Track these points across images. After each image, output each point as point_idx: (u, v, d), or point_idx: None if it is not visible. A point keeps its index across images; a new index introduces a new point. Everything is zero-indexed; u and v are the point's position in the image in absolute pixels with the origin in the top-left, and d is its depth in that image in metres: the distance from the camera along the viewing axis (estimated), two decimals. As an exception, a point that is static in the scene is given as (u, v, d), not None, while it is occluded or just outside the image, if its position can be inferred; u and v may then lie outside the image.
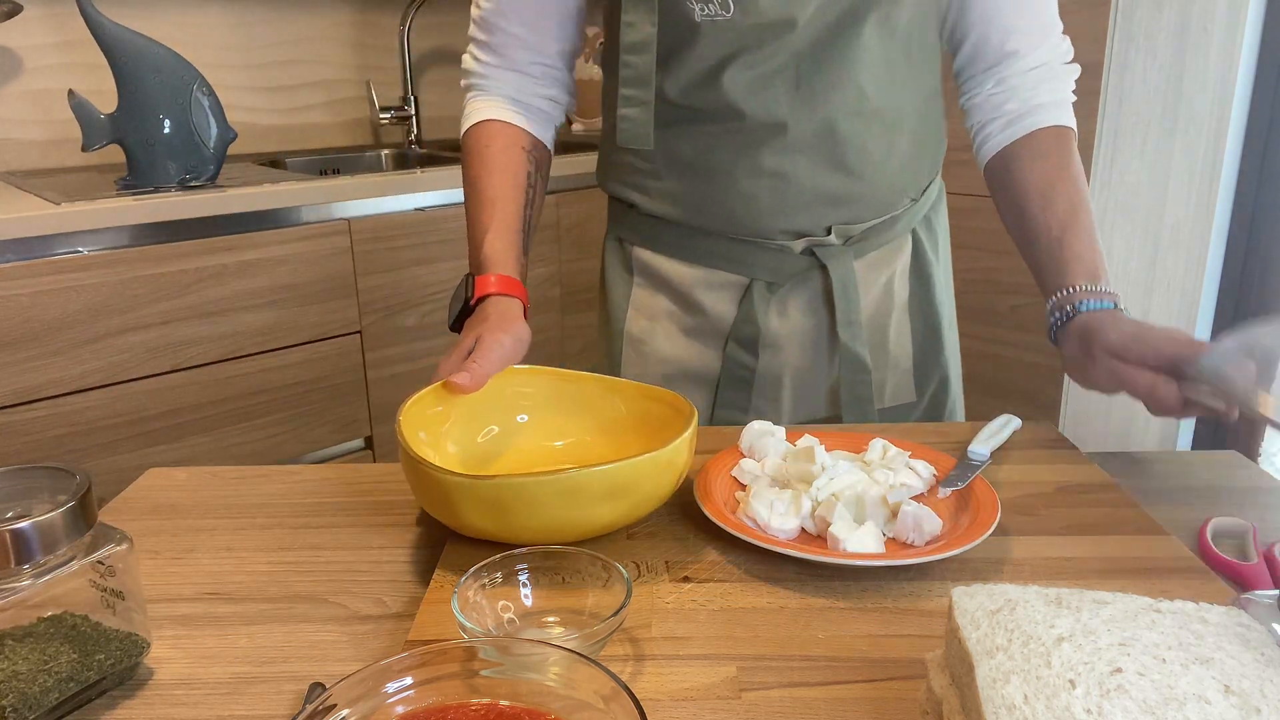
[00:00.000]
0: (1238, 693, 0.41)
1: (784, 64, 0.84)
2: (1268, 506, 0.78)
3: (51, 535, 0.50)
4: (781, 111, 0.86)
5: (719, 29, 0.84)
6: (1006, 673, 0.42)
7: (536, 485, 0.61)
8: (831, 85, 0.85)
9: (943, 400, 1.00)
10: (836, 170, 0.88)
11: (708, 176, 0.90)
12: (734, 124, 0.87)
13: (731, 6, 0.82)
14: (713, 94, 0.86)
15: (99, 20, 1.54)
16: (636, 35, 0.86)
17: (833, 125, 0.86)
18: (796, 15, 0.82)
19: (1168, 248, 1.94)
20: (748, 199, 0.89)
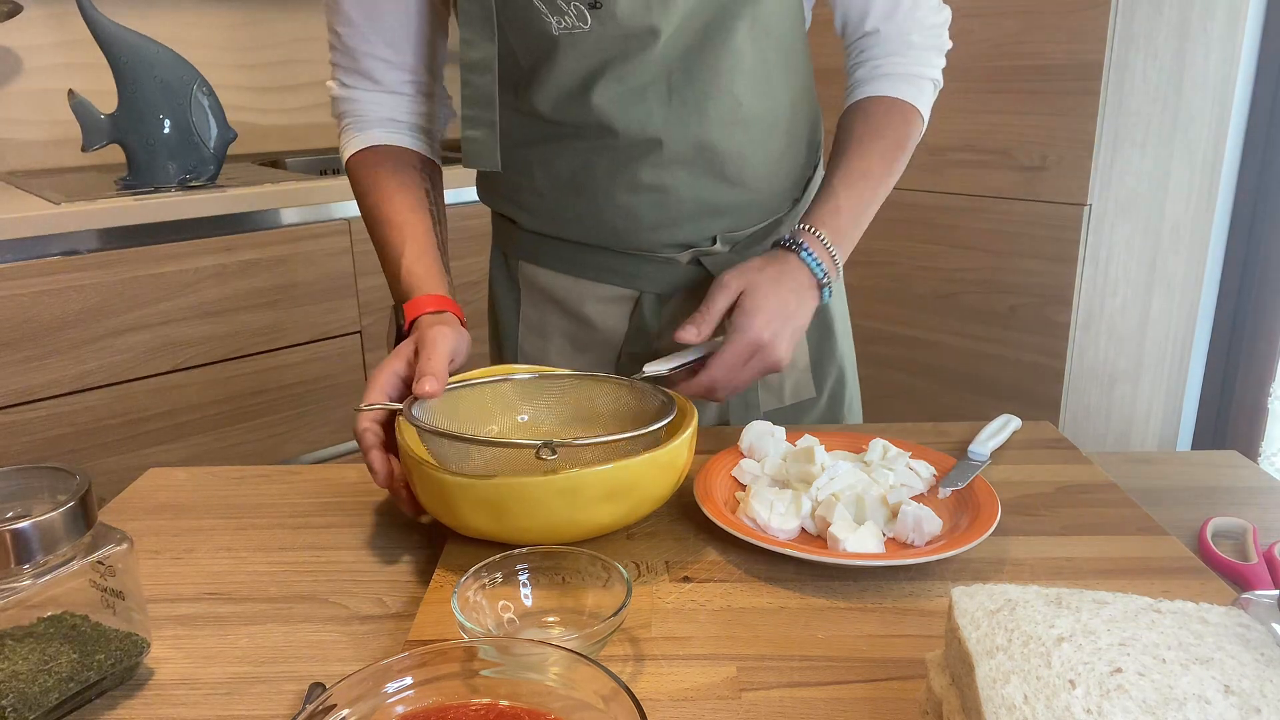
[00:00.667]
0: (1238, 693, 0.41)
1: (654, 76, 0.82)
2: (1268, 506, 0.78)
3: (51, 535, 0.50)
4: (655, 126, 0.83)
5: (578, 42, 0.80)
6: (1006, 673, 0.42)
7: (536, 485, 0.61)
8: (705, 95, 0.83)
9: (840, 394, 1.00)
10: (717, 180, 0.87)
11: (587, 193, 0.88)
12: (608, 140, 0.84)
13: (589, 19, 0.79)
14: (583, 109, 0.84)
15: (99, 20, 1.54)
16: (475, 54, 0.83)
17: (709, 136, 0.84)
18: (659, 24, 0.79)
19: (1168, 248, 1.94)
20: (628, 214, 0.88)
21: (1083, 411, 1.85)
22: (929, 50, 0.91)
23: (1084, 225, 1.71)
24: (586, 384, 0.78)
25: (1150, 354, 2.00)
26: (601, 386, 0.77)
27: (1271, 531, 0.74)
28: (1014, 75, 1.71)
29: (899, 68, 0.90)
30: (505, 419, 0.78)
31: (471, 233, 1.82)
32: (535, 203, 0.92)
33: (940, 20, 0.91)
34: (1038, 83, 1.69)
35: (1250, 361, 2.16)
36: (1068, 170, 1.69)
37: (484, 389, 0.76)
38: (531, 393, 0.77)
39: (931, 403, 1.94)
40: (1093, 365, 1.84)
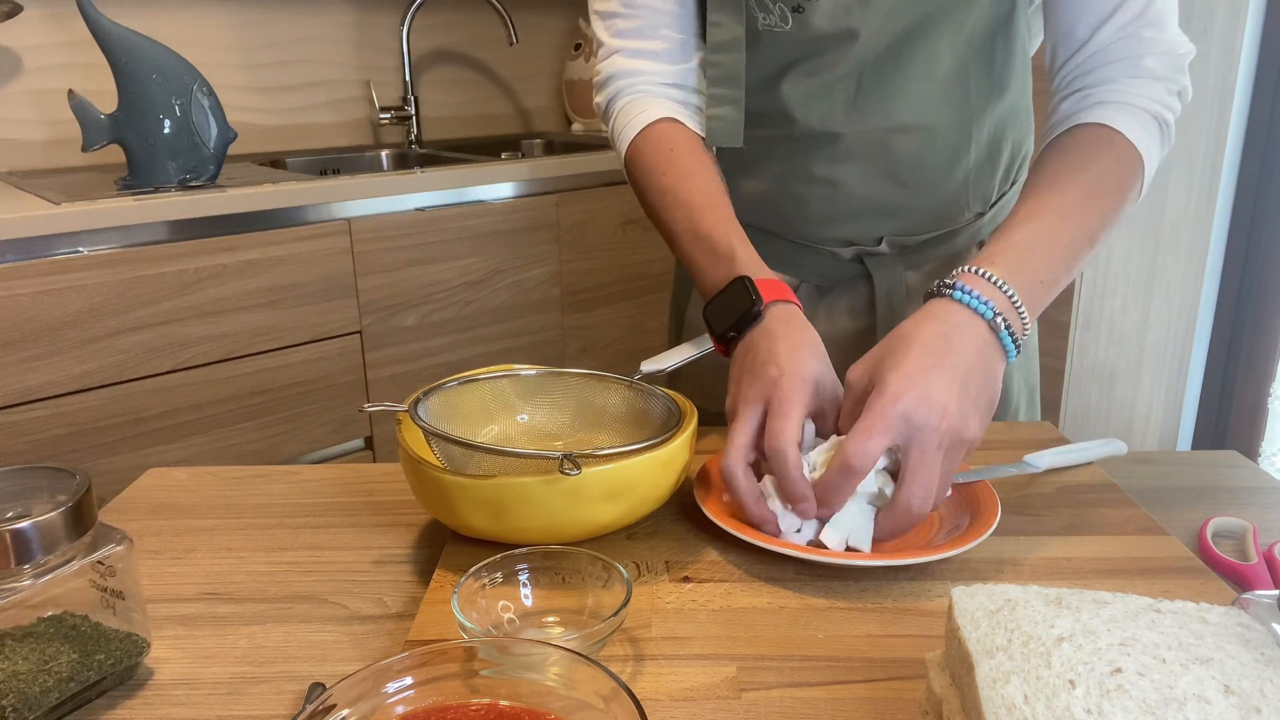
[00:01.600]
0: (1238, 693, 0.41)
1: (845, 74, 0.82)
2: (1268, 506, 0.78)
3: (51, 535, 0.50)
4: (836, 121, 0.84)
5: (778, 39, 0.82)
6: (1006, 673, 0.42)
7: (536, 485, 0.61)
8: (891, 97, 0.82)
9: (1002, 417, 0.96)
10: (890, 182, 0.86)
11: (762, 177, 0.89)
12: (787, 129, 0.85)
13: (790, 19, 0.80)
14: (770, 98, 0.85)
15: (99, 20, 1.54)
16: (724, 34, 0.82)
17: (888, 137, 0.84)
18: (858, 28, 0.79)
19: (1168, 248, 1.94)
20: (798, 203, 0.88)
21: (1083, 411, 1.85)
22: (1158, 83, 0.75)
23: (1084, 225, 1.70)
24: (588, 383, 0.78)
25: (1150, 354, 2.00)
26: (603, 385, 0.77)
27: (1271, 531, 0.74)
28: (1014, 75, 1.70)
29: (1113, 96, 0.75)
30: (506, 418, 0.78)
31: (471, 232, 1.82)
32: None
33: (1181, 52, 0.77)
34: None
35: (1250, 361, 2.16)
36: (1068, 170, 1.69)
37: (485, 386, 0.76)
38: (533, 391, 0.77)
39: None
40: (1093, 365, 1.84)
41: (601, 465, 0.62)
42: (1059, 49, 0.79)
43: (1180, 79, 0.77)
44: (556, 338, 2.00)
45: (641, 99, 0.86)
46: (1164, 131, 0.76)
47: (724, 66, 0.83)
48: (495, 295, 1.88)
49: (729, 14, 0.82)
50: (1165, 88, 0.76)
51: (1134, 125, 0.74)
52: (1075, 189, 0.71)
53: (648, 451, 0.64)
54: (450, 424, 0.73)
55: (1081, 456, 0.79)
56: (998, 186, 0.92)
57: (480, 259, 1.85)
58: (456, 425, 0.73)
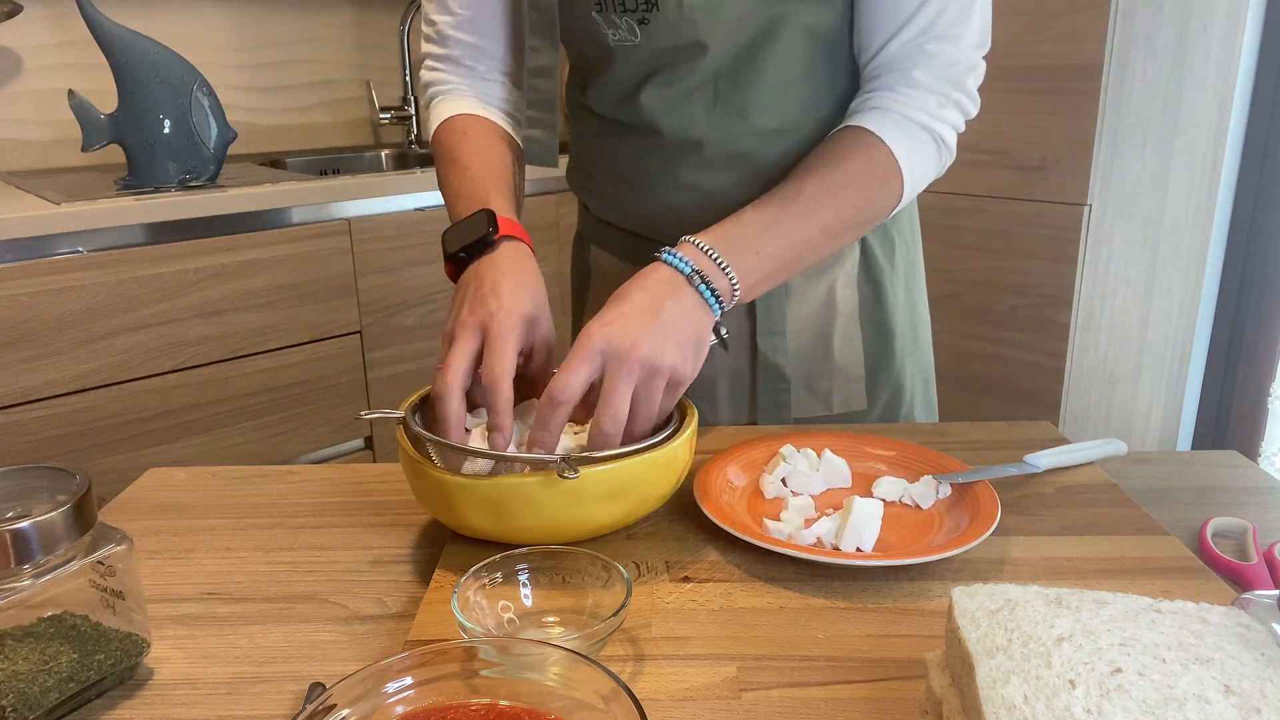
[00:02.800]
0: (1238, 693, 0.41)
1: (701, 82, 0.83)
2: (1268, 506, 0.78)
3: (51, 535, 0.50)
4: (698, 130, 0.84)
5: (630, 53, 0.83)
6: (1006, 673, 0.42)
7: (536, 485, 0.61)
8: (749, 103, 0.83)
9: (895, 410, 0.98)
10: (759, 185, 0.85)
11: (639, 187, 0.90)
12: (655, 139, 0.86)
13: (638, 33, 0.81)
14: (633, 110, 0.86)
15: (99, 20, 1.54)
16: (540, 60, 0.86)
17: (751, 143, 0.85)
18: (705, 39, 0.80)
19: (1168, 248, 1.94)
20: (671, 211, 0.89)
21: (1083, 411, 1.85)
22: (932, 95, 0.79)
23: (1084, 225, 1.71)
24: None
25: (1150, 354, 2.00)
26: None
27: (1271, 531, 0.74)
28: (1014, 75, 1.71)
29: (888, 103, 0.79)
30: None
31: (471, 233, 1.82)
32: (601, 192, 0.95)
33: (962, 66, 0.79)
34: (1038, 83, 1.69)
35: (1250, 361, 2.16)
36: (1067, 170, 1.69)
37: None
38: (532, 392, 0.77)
39: (931, 403, 1.94)
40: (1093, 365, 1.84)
41: (600, 466, 0.62)
42: (860, 56, 0.83)
43: (953, 92, 0.80)
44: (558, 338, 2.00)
45: (449, 97, 0.92)
46: (938, 144, 0.81)
47: (539, 90, 0.87)
48: (495, 295, 1.88)
49: (544, 39, 0.85)
50: (938, 100, 0.79)
51: (895, 132, 0.78)
52: (815, 181, 0.77)
53: (647, 452, 0.64)
54: None
55: (1081, 456, 0.79)
56: None
57: (480, 259, 1.84)
58: None
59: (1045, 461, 0.77)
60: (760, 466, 0.77)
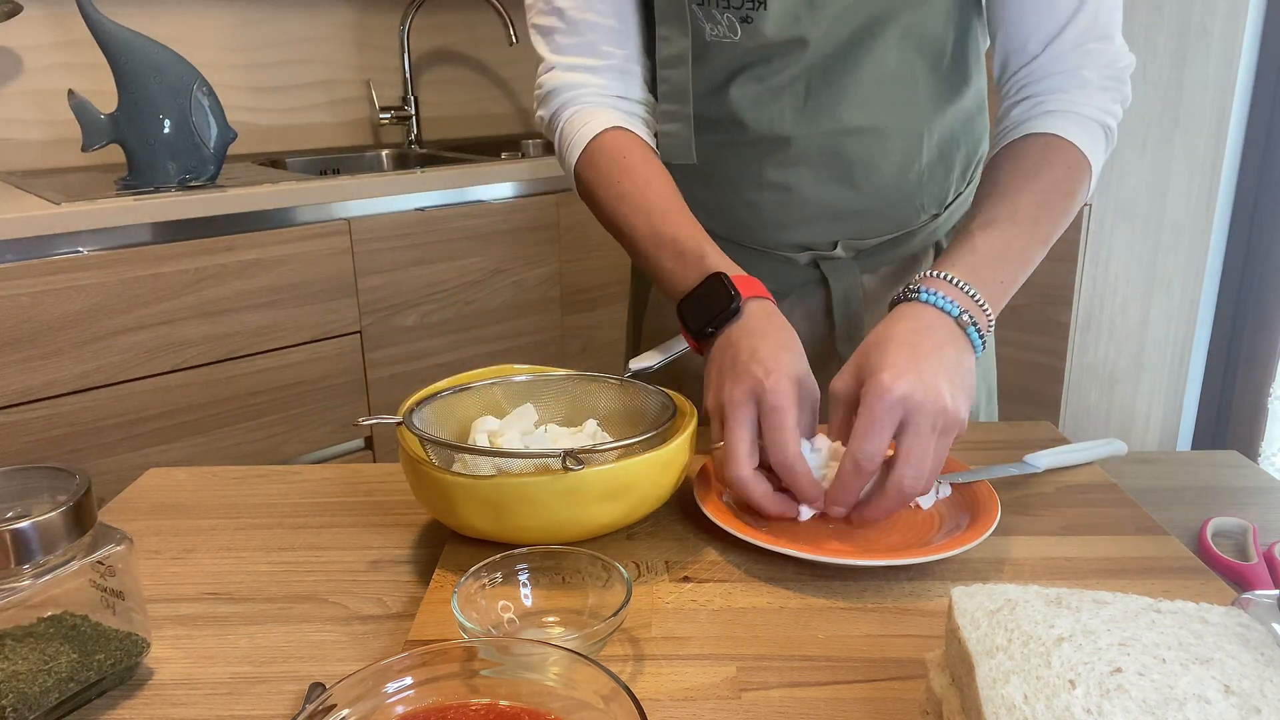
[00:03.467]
0: (1238, 693, 0.41)
1: (794, 77, 0.82)
2: (1268, 506, 0.78)
3: (51, 535, 0.50)
4: (785, 125, 0.84)
5: (727, 49, 0.82)
6: (1006, 673, 0.42)
7: (536, 485, 0.61)
8: (839, 100, 0.82)
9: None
10: (843, 185, 0.86)
11: (715, 184, 0.89)
12: (737, 134, 0.86)
13: (739, 30, 0.80)
14: (719, 104, 0.85)
15: (99, 20, 1.54)
16: (672, 49, 0.83)
17: (839, 141, 0.84)
18: (807, 35, 0.79)
19: (1168, 248, 1.94)
20: (751, 209, 0.88)
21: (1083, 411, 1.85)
22: (1104, 93, 0.79)
23: (1084, 225, 1.71)
24: (582, 384, 0.78)
25: (1150, 354, 2.00)
26: (597, 386, 0.77)
27: (1271, 531, 0.74)
28: (1014, 75, 1.70)
29: (1064, 105, 0.78)
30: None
31: (471, 232, 1.82)
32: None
33: (1123, 64, 0.80)
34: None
35: (1250, 361, 2.16)
36: (1068, 170, 1.69)
37: (480, 392, 0.76)
38: (528, 394, 0.77)
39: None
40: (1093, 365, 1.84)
41: (603, 464, 0.62)
42: (1010, 60, 0.82)
43: (1123, 89, 0.81)
44: (556, 338, 2.00)
45: (588, 109, 0.85)
46: (1108, 137, 0.80)
47: (672, 81, 0.84)
48: (495, 295, 1.88)
49: (675, 28, 0.82)
50: (1110, 97, 0.79)
51: (1082, 134, 0.77)
52: (1029, 196, 0.74)
53: (649, 449, 0.64)
54: (445, 429, 0.73)
55: (1081, 456, 0.79)
56: (953, 187, 0.92)
57: (480, 259, 1.85)
58: (451, 430, 0.73)
59: (1045, 461, 0.77)
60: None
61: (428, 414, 0.71)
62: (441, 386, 0.75)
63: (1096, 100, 0.79)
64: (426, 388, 0.74)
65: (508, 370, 0.78)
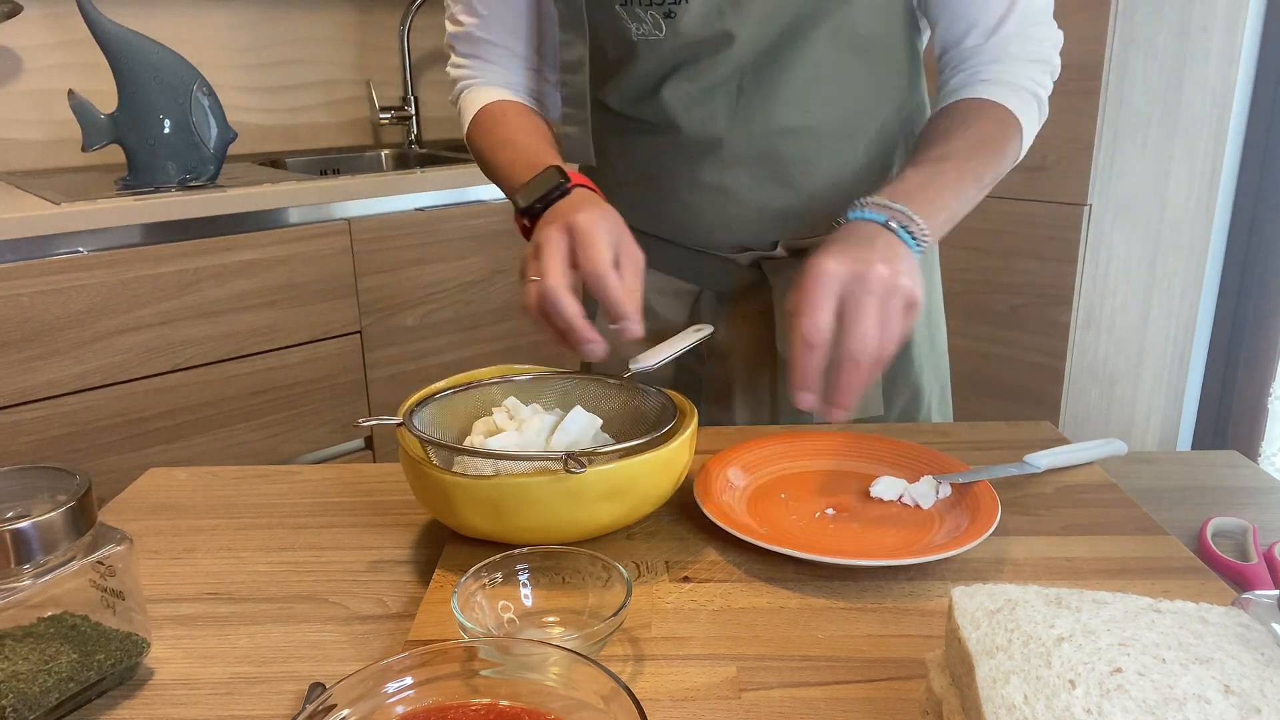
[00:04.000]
0: (1238, 693, 0.41)
1: (725, 77, 0.82)
2: (1268, 506, 0.78)
3: (51, 535, 0.50)
4: (718, 126, 0.84)
5: (654, 47, 0.83)
6: (1006, 673, 0.42)
7: (536, 485, 0.61)
8: (773, 99, 0.83)
9: (913, 414, 0.98)
10: (780, 186, 0.86)
11: (655, 187, 0.90)
12: (672, 136, 0.86)
13: (664, 27, 0.81)
14: (653, 106, 0.85)
15: (99, 20, 1.54)
16: (571, 54, 0.86)
17: (773, 141, 0.84)
18: (734, 30, 0.80)
19: (1168, 248, 1.94)
20: (690, 211, 0.88)
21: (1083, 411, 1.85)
22: (1033, 63, 0.84)
23: (1084, 225, 1.71)
24: (583, 384, 0.78)
25: (1150, 354, 2.00)
26: (598, 386, 0.77)
27: (1271, 531, 0.74)
28: (1014, 75, 1.70)
29: (998, 75, 0.83)
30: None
31: (471, 232, 1.82)
32: (616, 191, 0.92)
33: (1052, 41, 0.85)
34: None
35: (1250, 361, 2.16)
36: (1068, 170, 1.69)
37: (480, 392, 0.76)
38: (528, 394, 0.77)
39: (931, 403, 1.94)
40: (1093, 365, 1.84)
41: (605, 464, 0.62)
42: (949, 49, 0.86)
43: (1052, 62, 0.86)
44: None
45: (480, 88, 0.94)
46: (1040, 107, 0.86)
47: (571, 85, 0.88)
48: (495, 295, 1.88)
49: (574, 33, 0.86)
50: (1040, 69, 0.85)
51: (1014, 99, 0.82)
52: (959, 141, 0.79)
53: (649, 450, 0.64)
54: (445, 429, 0.73)
55: (1081, 456, 0.79)
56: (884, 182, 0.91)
57: (480, 259, 1.85)
58: (451, 430, 0.73)
59: (1045, 461, 0.77)
60: (760, 466, 0.77)
61: (428, 414, 0.71)
62: (441, 386, 0.75)
63: (1028, 71, 0.84)
64: (426, 388, 0.74)
65: (508, 370, 0.78)
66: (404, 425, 0.68)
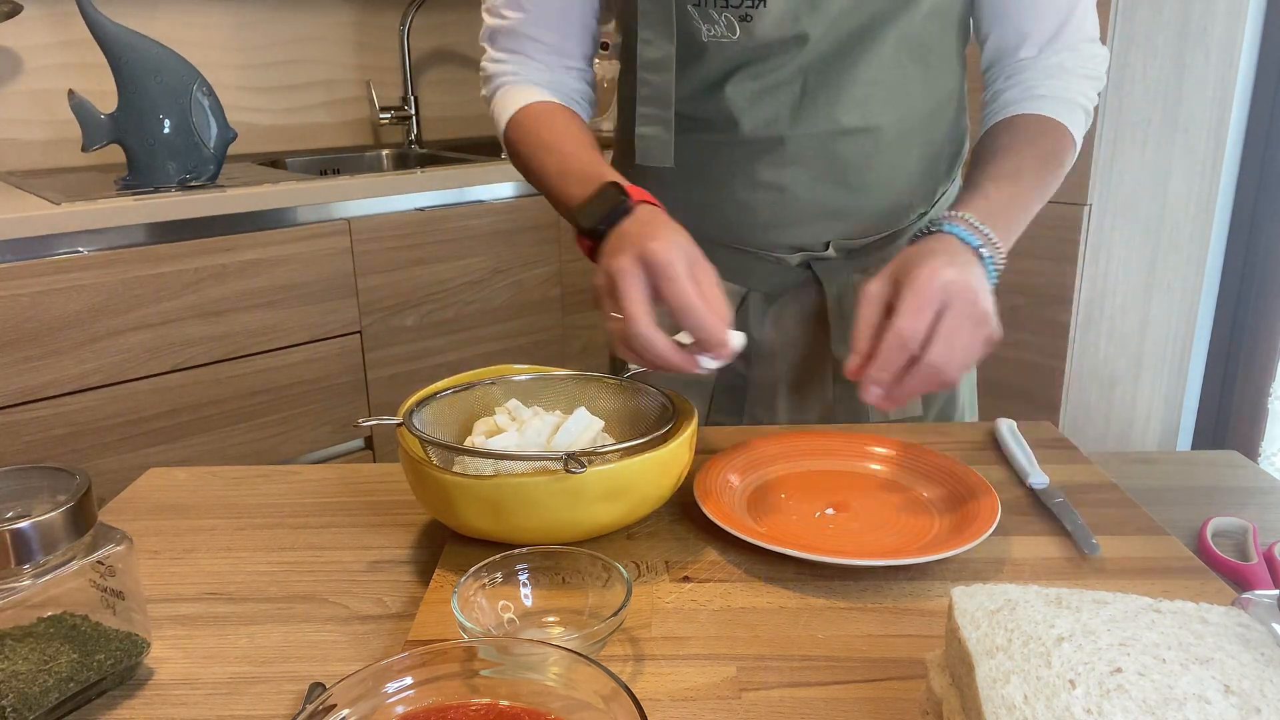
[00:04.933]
0: (1238, 693, 0.41)
1: (790, 76, 0.83)
2: (1268, 506, 0.78)
3: (51, 535, 0.50)
4: (781, 125, 0.84)
5: (725, 48, 0.82)
6: (1006, 673, 0.42)
7: (536, 485, 0.61)
8: (835, 100, 0.83)
9: (950, 414, 0.98)
10: (837, 185, 0.86)
11: (707, 185, 0.89)
12: (731, 134, 0.86)
13: (737, 30, 0.81)
14: (713, 103, 0.85)
15: (99, 20, 1.54)
16: (655, 53, 0.84)
17: (834, 141, 0.84)
18: (808, 31, 0.80)
19: (1168, 248, 1.94)
20: (745, 210, 0.88)
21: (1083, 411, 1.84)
22: (1084, 79, 0.86)
23: (1084, 225, 1.71)
24: (582, 384, 0.78)
25: (1150, 354, 2.00)
26: (597, 386, 0.77)
27: (1271, 531, 0.74)
28: (1014, 75, 1.70)
29: (1054, 91, 0.85)
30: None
31: (471, 232, 1.82)
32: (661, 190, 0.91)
33: (1101, 57, 0.87)
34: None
35: (1250, 361, 2.16)
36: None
37: (480, 392, 0.76)
38: (529, 394, 0.77)
39: (931, 403, 1.94)
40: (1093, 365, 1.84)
41: (605, 465, 0.62)
42: (1004, 57, 0.88)
43: (1103, 77, 0.88)
44: (557, 338, 2.00)
45: (520, 87, 0.90)
46: (1087, 118, 0.88)
47: (653, 85, 0.86)
48: (495, 295, 1.88)
49: (659, 32, 0.83)
50: (1091, 85, 0.87)
51: (1068, 115, 0.85)
52: (1029, 159, 0.82)
53: (650, 449, 0.64)
54: (445, 429, 0.73)
55: None
56: (939, 185, 0.94)
57: (480, 259, 1.85)
58: (451, 430, 0.73)
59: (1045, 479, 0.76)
60: (760, 466, 0.77)
61: (428, 414, 0.71)
62: (441, 386, 0.75)
63: (1080, 87, 0.86)
64: (426, 388, 0.74)
65: (508, 370, 0.78)
66: (404, 425, 0.68)
